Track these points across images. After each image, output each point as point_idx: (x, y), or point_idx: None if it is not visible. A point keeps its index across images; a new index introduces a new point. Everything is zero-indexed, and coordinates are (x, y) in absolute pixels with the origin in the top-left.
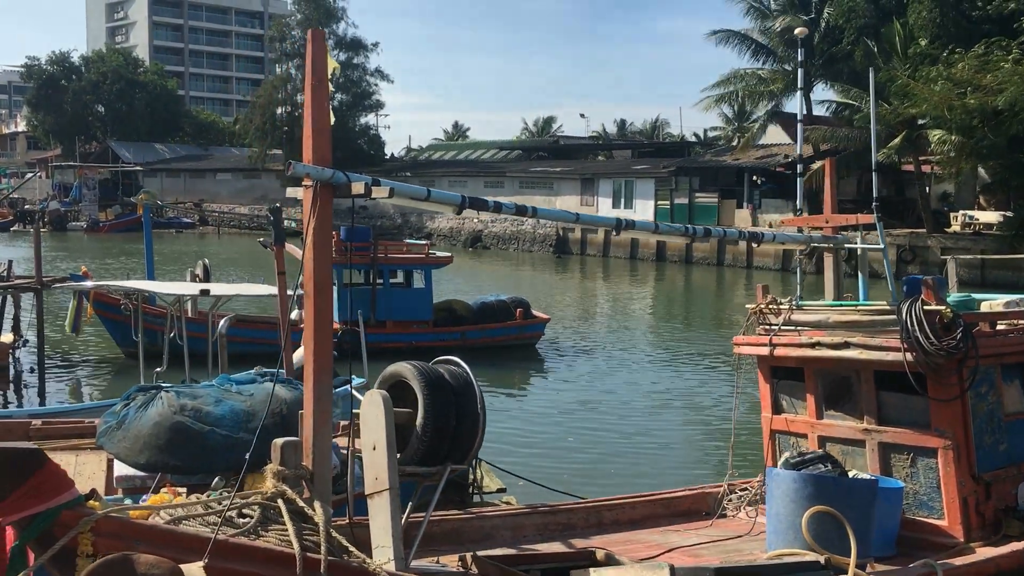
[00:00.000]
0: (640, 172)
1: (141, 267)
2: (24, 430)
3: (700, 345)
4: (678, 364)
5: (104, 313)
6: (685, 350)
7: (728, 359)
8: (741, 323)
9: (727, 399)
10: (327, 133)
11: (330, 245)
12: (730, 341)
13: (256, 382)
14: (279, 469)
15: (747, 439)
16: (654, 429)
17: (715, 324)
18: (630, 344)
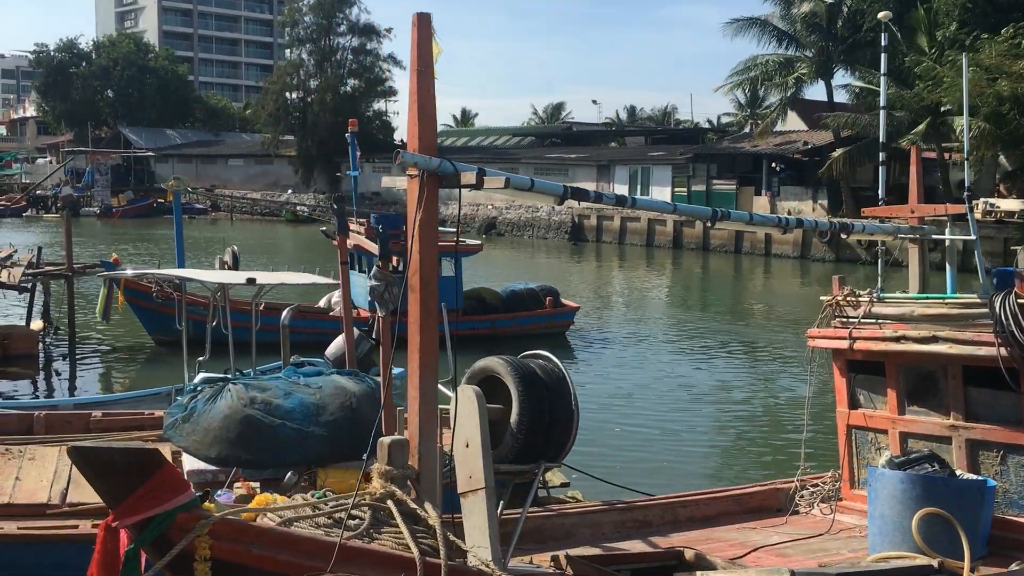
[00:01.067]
0: (657, 159)
1: (157, 252)
2: (84, 422)
3: (734, 334)
4: (712, 353)
5: (135, 301)
6: (717, 339)
7: (765, 346)
8: (764, 311)
9: (773, 389)
10: (433, 120)
11: (436, 237)
12: (769, 328)
13: (322, 374)
14: (387, 469)
15: (811, 434)
16: (700, 422)
17: (744, 312)
18: (659, 332)
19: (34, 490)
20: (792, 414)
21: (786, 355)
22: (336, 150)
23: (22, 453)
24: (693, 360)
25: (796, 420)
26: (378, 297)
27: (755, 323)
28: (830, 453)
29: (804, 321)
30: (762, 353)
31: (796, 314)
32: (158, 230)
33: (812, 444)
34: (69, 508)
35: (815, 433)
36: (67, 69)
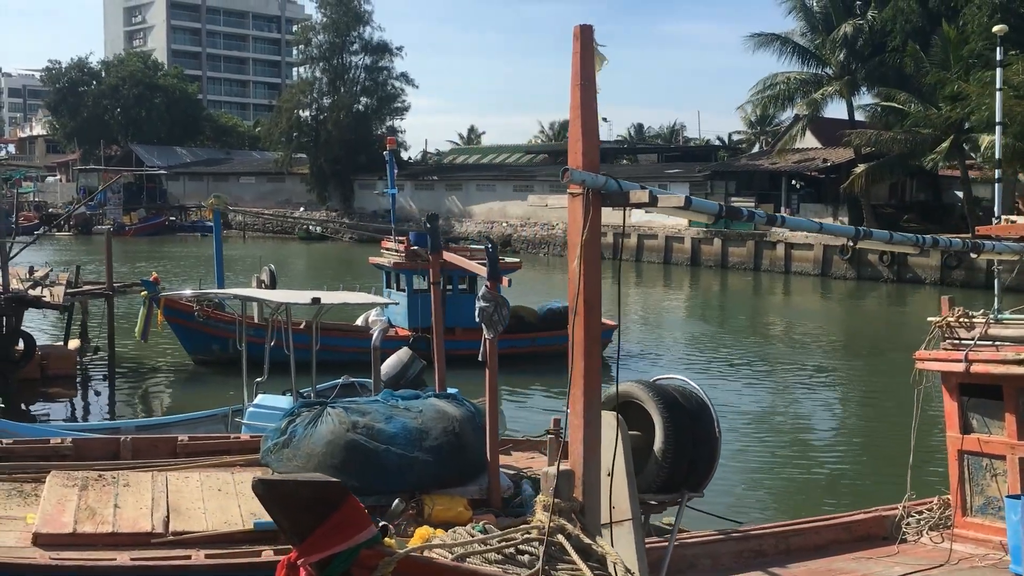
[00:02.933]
0: (673, 176)
1: (175, 270)
2: (171, 447)
3: (781, 355)
4: (746, 373)
5: (175, 320)
6: (768, 359)
7: (826, 368)
8: (815, 330)
9: (853, 411)
10: (596, 136)
11: (599, 258)
12: (824, 349)
13: (420, 397)
14: (555, 502)
15: (898, 457)
16: (775, 443)
17: (765, 331)
18: (704, 351)
19: (135, 518)
20: (876, 436)
21: (854, 376)
22: (349, 167)
23: (115, 479)
24: (747, 381)
25: (882, 442)
26: (487, 318)
27: (804, 343)
28: (927, 478)
29: (866, 342)
30: (824, 374)
31: (849, 333)
32: (171, 248)
33: (902, 467)
34: (174, 537)
35: (904, 455)
36: (78, 87)
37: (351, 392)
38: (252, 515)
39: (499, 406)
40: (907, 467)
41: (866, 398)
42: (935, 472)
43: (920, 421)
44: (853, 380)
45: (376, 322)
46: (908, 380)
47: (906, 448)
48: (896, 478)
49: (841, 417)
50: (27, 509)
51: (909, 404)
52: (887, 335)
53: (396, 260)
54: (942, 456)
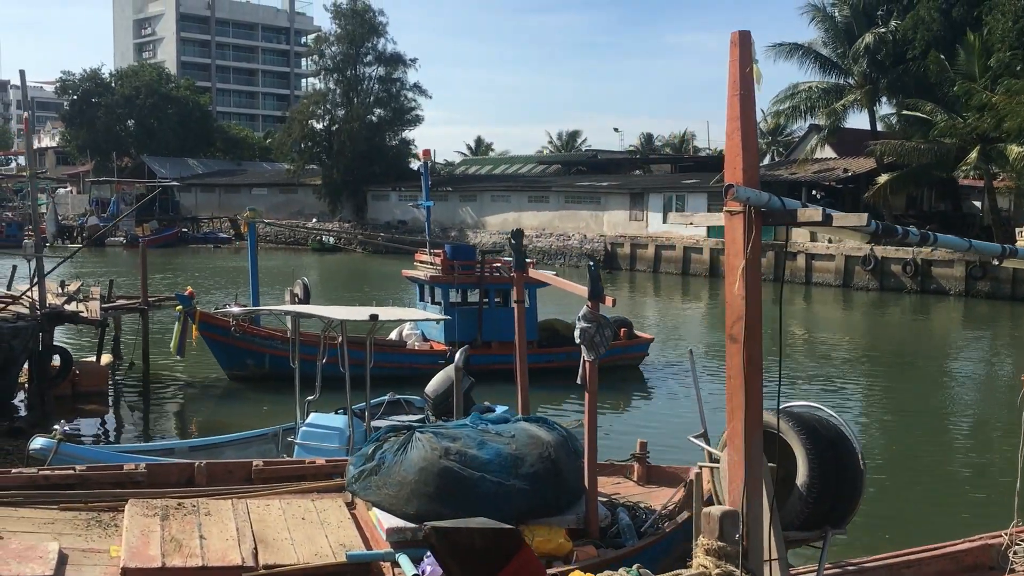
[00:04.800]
0: (692, 186)
1: (190, 281)
2: (246, 472)
3: (798, 368)
4: (802, 390)
5: (210, 335)
6: (788, 374)
7: (886, 384)
8: (862, 344)
9: (933, 430)
10: (756, 150)
11: (759, 280)
12: (875, 365)
13: (508, 420)
14: (719, 545)
15: (987, 478)
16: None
17: (798, 344)
18: (715, 356)
19: (223, 550)
20: (958, 455)
21: (911, 391)
22: (362, 178)
23: (195, 508)
24: (803, 399)
25: (966, 462)
26: (588, 340)
27: (848, 357)
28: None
29: (915, 355)
30: (879, 389)
31: (896, 346)
32: (184, 259)
33: (992, 489)
34: (265, 571)
35: (982, 476)
36: (91, 98)
37: (398, 409)
38: (342, 546)
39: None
40: (1001, 490)
41: (930, 413)
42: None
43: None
44: (911, 395)
45: (410, 336)
46: (973, 396)
47: (993, 469)
48: (988, 501)
49: (910, 435)
50: (109, 540)
51: (983, 420)
52: (931, 347)
53: (432, 273)
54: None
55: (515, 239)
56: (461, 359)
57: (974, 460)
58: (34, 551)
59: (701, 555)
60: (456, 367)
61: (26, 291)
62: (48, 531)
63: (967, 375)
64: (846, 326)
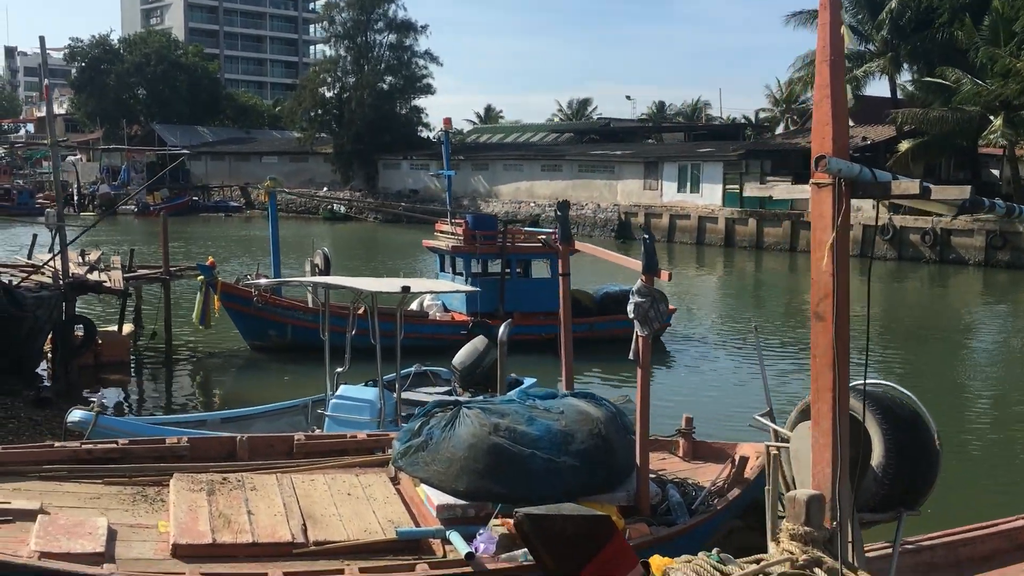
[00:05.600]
0: (707, 155)
1: (204, 250)
2: (288, 446)
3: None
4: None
5: (232, 305)
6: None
7: (925, 355)
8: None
9: (984, 402)
10: (846, 119)
11: (848, 257)
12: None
13: (556, 396)
14: (806, 531)
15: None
16: None
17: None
18: (743, 330)
19: (272, 526)
20: (999, 432)
21: (945, 363)
22: (373, 147)
23: (240, 483)
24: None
25: (1010, 441)
26: (642, 315)
27: (888, 328)
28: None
29: (948, 327)
30: (904, 362)
31: (922, 317)
32: (196, 228)
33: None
34: (316, 547)
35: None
36: (100, 65)
37: (424, 381)
38: (390, 522)
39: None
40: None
41: (956, 387)
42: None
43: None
44: (932, 367)
45: (431, 307)
46: (998, 368)
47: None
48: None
49: (940, 409)
50: (156, 515)
51: (1012, 393)
52: (951, 318)
53: (454, 244)
54: None
55: (561, 210)
56: (505, 333)
57: (1017, 435)
58: (83, 527)
59: (786, 540)
60: (500, 341)
61: (48, 260)
62: (95, 506)
63: (989, 346)
64: (863, 297)
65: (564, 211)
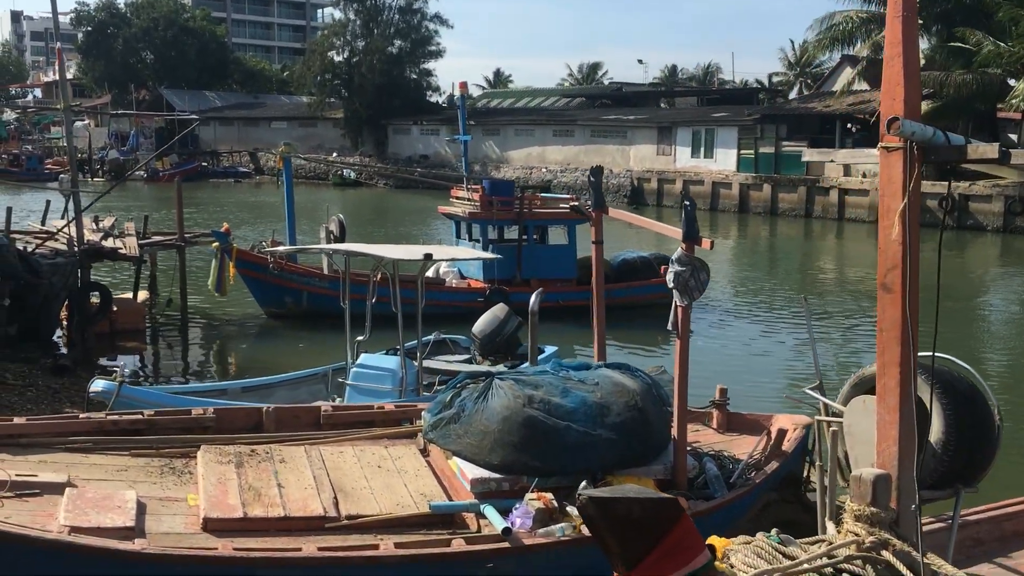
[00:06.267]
0: (722, 120)
1: (216, 216)
2: (315, 417)
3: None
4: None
5: (247, 272)
6: (854, 313)
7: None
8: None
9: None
10: (918, 79)
11: (918, 225)
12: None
13: (590, 367)
14: (872, 511)
15: None
16: None
17: (847, 282)
18: (773, 300)
19: (303, 500)
20: None
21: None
22: (383, 112)
23: (269, 455)
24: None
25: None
26: (682, 284)
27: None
28: None
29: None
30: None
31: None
32: (206, 193)
33: None
34: (348, 521)
35: None
36: (106, 28)
37: (443, 349)
38: (422, 496)
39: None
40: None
41: (977, 354)
42: None
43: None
44: (951, 335)
45: (447, 274)
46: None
47: None
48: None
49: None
50: (184, 488)
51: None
52: (967, 285)
53: (470, 210)
54: None
55: (594, 176)
56: (536, 302)
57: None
58: (112, 500)
59: (850, 521)
60: (531, 310)
61: (63, 227)
62: (122, 479)
63: (1007, 314)
64: (871, 261)
65: (597, 176)
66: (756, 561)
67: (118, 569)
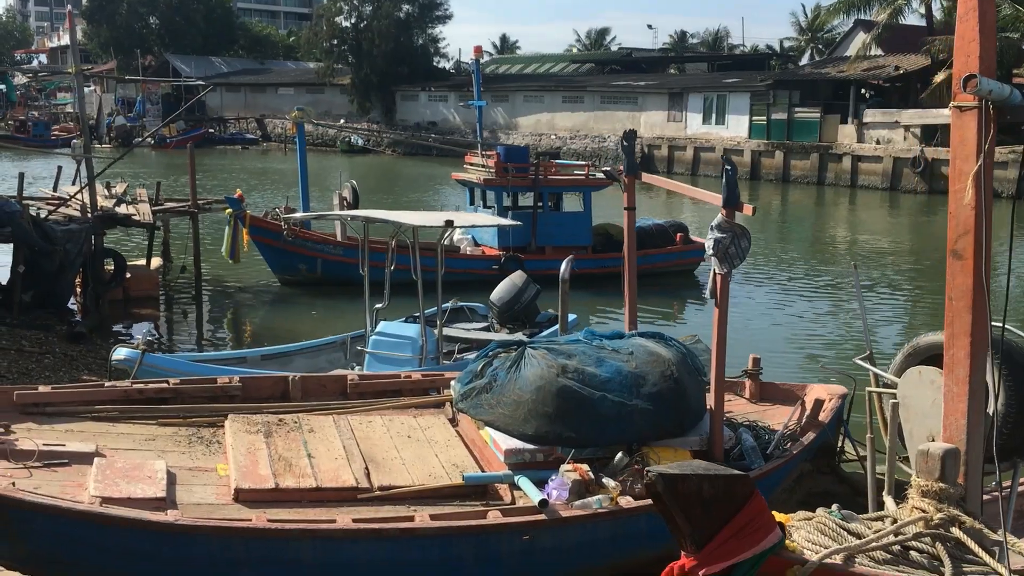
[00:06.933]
0: (733, 86)
1: (226, 182)
2: (341, 386)
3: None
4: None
5: (260, 239)
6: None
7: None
8: None
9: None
10: (994, 36)
11: (991, 189)
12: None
13: (623, 336)
14: (940, 487)
15: None
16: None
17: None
18: (793, 269)
19: (334, 470)
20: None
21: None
22: (392, 78)
23: (297, 424)
24: (827, 297)
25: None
26: (722, 252)
27: (891, 261)
28: None
29: None
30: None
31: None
32: (213, 160)
33: None
34: (381, 492)
35: None
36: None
37: (461, 317)
38: (454, 466)
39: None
40: None
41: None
42: None
43: None
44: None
45: (461, 241)
46: None
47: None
48: None
49: None
50: (213, 458)
51: None
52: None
53: (485, 176)
54: None
55: (627, 140)
56: (567, 270)
57: None
58: (141, 470)
59: (916, 497)
60: (562, 279)
61: (77, 193)
62: (151, 448)
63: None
64: (893, 230)
65: (631, 141)
66: (820, 538)
67: (152, 540)
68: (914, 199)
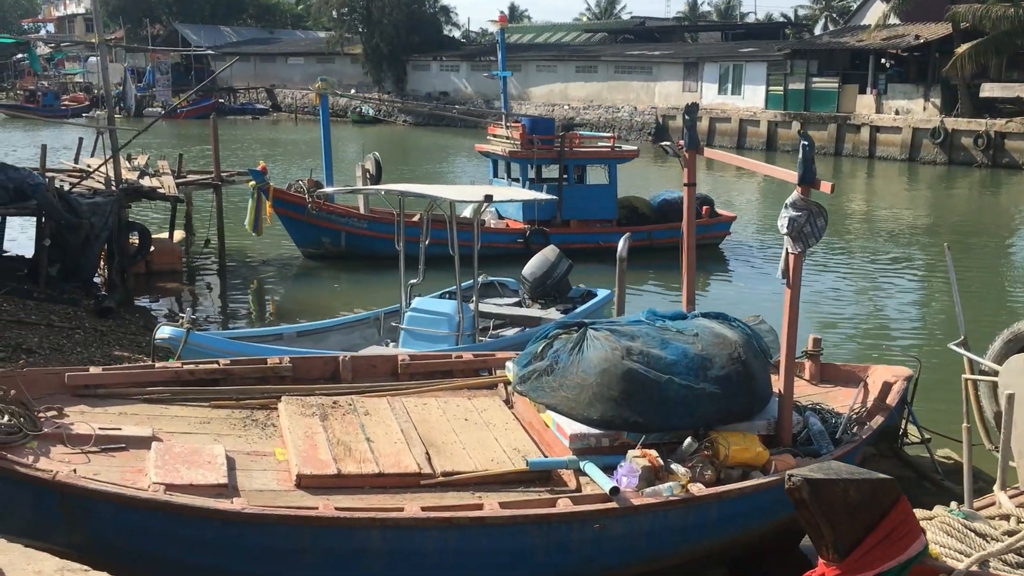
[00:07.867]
0: (750, 55)
1: (239, 153)
2: (392, 366)
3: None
4: (875, 263)
5: (284, 212)
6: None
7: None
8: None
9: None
10: None
11: None
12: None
13: (686, 317)
14: None
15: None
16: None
17: (879, 224)
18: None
19: (395, 455)
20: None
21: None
22: (403, 48)
23: (352, 406)
24: (850, 272)
25: None
26: (796, 231)
27: (909, 232)
28: None
29: None
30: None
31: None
32: (223, 130)
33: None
34: (444, 478)
35: None
36: None
37: (491, 292)
38: (516, 451)
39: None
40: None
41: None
42: None
43: None
44: (987, 275)
45: (485, 214)
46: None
47: None
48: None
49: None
50: (270, 442)
51: None
52: (1002, 223)
53: (510, 148)
54: None
55: (688, 114)
56: (624, 247)
57: None
58: (201, 455)
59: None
60: (620, 257)
61: (101, 165)
62: (207, 431)
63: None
64: (911, 201)
65: (692, 115)
66: (946, 540)
67: (216, 529)
68: (933, 170)
